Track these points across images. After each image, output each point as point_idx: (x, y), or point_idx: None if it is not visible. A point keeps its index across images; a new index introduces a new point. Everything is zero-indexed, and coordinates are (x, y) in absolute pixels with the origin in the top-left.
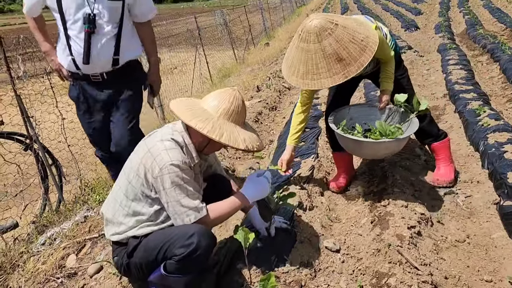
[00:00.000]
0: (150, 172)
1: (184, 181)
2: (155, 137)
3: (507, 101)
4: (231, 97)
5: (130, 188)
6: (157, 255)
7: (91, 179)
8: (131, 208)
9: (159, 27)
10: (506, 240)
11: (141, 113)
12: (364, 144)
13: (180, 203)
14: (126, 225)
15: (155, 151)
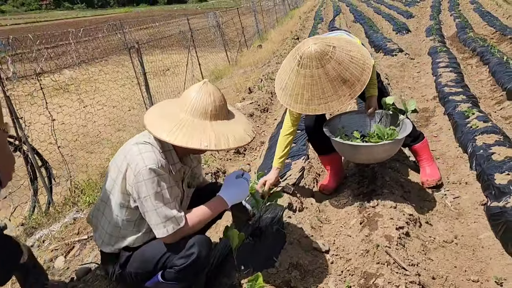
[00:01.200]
0: (126, 180)
1: (160, 188)
2: (131, 141)
3: (495, 104)
4: (200, 93)
5: (112, 198)
6: (155, 265)
7: (81, 181)
8: (115, 218)
9: (151, 28)
10: (492, 241)
11: (129, 112)
12: (365, 149)
13: (157, 213)
14: (113, 236)
15: (130, 157)
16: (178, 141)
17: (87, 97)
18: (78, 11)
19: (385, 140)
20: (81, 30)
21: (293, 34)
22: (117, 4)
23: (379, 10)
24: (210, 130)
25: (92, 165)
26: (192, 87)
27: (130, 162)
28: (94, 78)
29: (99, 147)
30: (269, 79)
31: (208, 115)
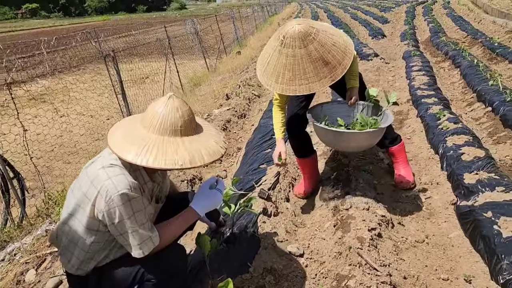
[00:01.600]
0: (96, 207)
1: (134, 211)
2: (96, 165)
3: (466, 105)
4: (167, 108)
5: (78, 222)
6: (131, 282)
7: (55, 192)
8: (82, 241)
9: (129, 36)
10: (462, 239)
11: (107, 121)
12: (349, 136)
13: (133, 236)
14: (79, 258)
15: (98, 182)
16: (151, 163)
17: (64, 107)
18: (55, 20)
19: (369, 128)
20: (54, 38)
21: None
22: (95, 12)
23: (355, 15)
24: (182, 147)
25: (69, 175)
26: (157, 103)
27: (100, 188)
28: (69, 88)
29: (76, 157)
30: (247, 85)
31: (178, 132)
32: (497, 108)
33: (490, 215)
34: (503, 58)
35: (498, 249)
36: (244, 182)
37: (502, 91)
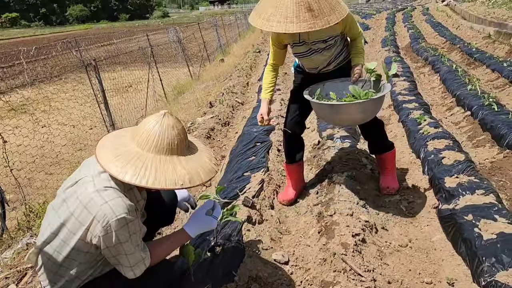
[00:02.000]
0: (91, 232)
1: (130, 233)
2: (87, 188)
3: (446, 110)
4: (162, 127)
5: (60, 243)
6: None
7: (37, 204)
8: (66, 262)
9: (111, 45)
10: (444, 242)
11: (90, 131)
12: (340, 108)
13: (127, 258)
14: (62, 279)
15: (92, 207)
16: (151, 184)
17: (45, 117)
18: (35, 29)
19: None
20: (34, 48)
21: (254, 48)
22: (76, 21)
23: None
24: (180, 166)
25: (50, 187)
26: (150, 120)
27: (96, 214)
28: (50, 98)
29: (57, 168)
30: (230, 92)
31: (175, 150)
32: (476, 112)
33: (470, 218)
34: (481, 63)
35: (479, 251)
36: (228, 190)
37: (481, 95)
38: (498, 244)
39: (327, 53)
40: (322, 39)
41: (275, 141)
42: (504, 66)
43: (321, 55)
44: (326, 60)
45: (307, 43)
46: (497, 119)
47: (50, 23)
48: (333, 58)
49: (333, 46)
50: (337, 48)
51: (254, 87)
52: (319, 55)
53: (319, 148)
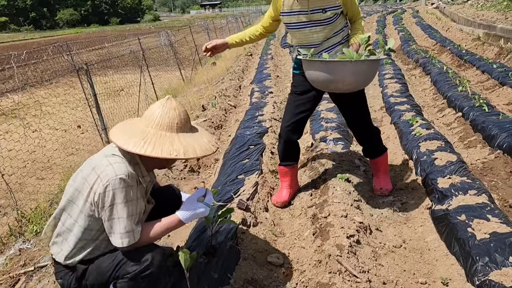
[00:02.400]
0: (94, 190)
1: (127, 199)
2: (99, 155)
3: (438, 111)
4: (165, 108)
5: (74, 208)
6: (109, 277)
7: (28, 209)
8: (77, 228)
9: (102, 49)
10: (438, 243)
11: (83, 135)
12: (333, 65)
13: (119, 223)
14: (70, 246)
15: (99, 168)
16: (149, 152)
17: (36, 122)
18: (25, 33)
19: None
20: (24, 52)
21: (246, 51)
22: (66, 25)
23: None
24: (178, 141)
25: (42, 192)
26: (156, 104)
27: (100, 173)
28: (42, 102)
29: (49, 173)
30: (223, 95)
31: (174, 128)
32: (467, 114)
33: (464, 218)
34: (471, 65)
35: (473, 251)
36: (222, 193)
37: (471, 97)
38: (491, 244)
39: (322, 29)
40: (322, 7)
41: (269, 143)
42: (494, 68)
43: (316, 30)
44: (319, 38)
45: (305, 12)
46: (488, 120)
47: (40, 27)
48: (327, 37)
49: (331, 22)
50: (334, 27)
51: (247, 90)
52: (314, 29)
53: (313, 150)
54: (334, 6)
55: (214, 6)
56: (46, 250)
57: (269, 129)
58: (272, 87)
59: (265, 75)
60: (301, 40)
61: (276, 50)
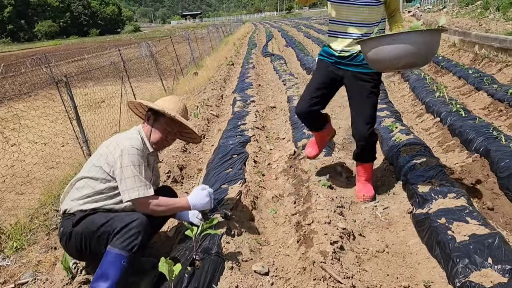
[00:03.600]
0: (112, 154)
1: (139, 163)
2: (121, 134)
3: (417, 117)
4: (174, 98)
5: (93, 168)
6: (99, 228)
7: (8, 225)
8: (90, 179)
9: (82, 61)
10: (419, 246)
11: (62, 148)
12: (401, 38)
13: (133, 179)
14: (80, 195)
15: (119, 141)
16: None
17: (15, 136)
18: (2, 46)
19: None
20: (2, 65)
21: (228, 60)
22: (45, 37)
23: (308, 34)
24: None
25: (22, 207)
26: (163, 98)
27: (119, 143)
28: (20, 115)
29: (29, 188)
30: (205, 105)
31: (181, 112)
32: (444, 119)
33: (444, 221)
34: (448, 71)
35: (453, 253)
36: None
37: (449, 102)
38: (471, 246)
39: (371, 11)
40: None
41: (251, 152)
42: (470, 73)
43: (367, 9)
44: (361, 18)
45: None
46: (465, 124)
47: (17, 40)
48: (367, 24)
49: (379, 6)
50: (376, 14)
51: (229, 100)
52: (358, 7)
53: (295, 158)
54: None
55: (194, 16)
56: (26, 266)
57: (251, 138)
58: (254, 96)
59: (247, 84)
60: (340, 16)
61: (258, 59)
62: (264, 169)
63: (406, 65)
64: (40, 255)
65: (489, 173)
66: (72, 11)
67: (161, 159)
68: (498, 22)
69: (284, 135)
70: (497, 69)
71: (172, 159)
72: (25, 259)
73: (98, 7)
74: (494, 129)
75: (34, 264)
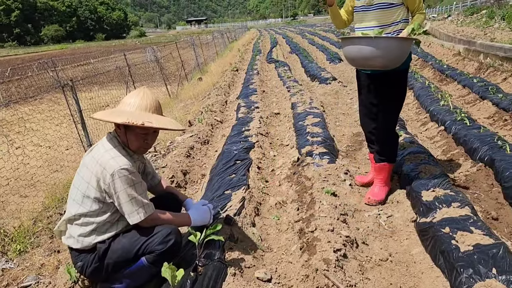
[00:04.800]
0: (102, 180)
1: (134, 183)
2: (98, 150)
3: (421, 125)
4: (141, 93)
5: (85, 199)
6: (136, 253)
7: (12, 228)
8: (89, 216)
9: (88, 65)
10: (423, 255)
11: (66, 151)
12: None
13: (131, 203)
14: (85, 231)
15: (103, 161)
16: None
17: (20, 139)
18: (9, 49)
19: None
20: (9, 69)
21: (232, 66)
22: (51, 41)
23: (313, 41)
24: (155, 117)
25: (25, 210)
26: (133, 92)
27: (105, 165)
28: (26, 119)
29: (33, 190)
30: (209, 111)
31: (153, 109)
32: (449, 127)
33: (448, 230)
34: (452, 79)
35: (457, 263)
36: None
37: (453, 111)
38: (475, 256)
39: (383, 14)
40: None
41: (255, 158)
42: (474, 82)
43: (378, 13)
44: (377, 22)
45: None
46: (470, 133)
47: (24, 43)
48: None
49: (393, 7)
50: (397, 15)
51: (233, 105)
52: (376, 13)
53: (299, 165)
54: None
55: (200, 22)
56: (30, 269)
57: (255, 144)
58: (258, 102)
59: (251, 90)
60: (363, 23)
61: (262, 66)
62: (268, 176)
63: (368, 66)
64: (43, 258)
65: (493, 183)
66: (79, 15)
67: (164, 164)
68: (503, 31)
69: (288, 142)
70: (502, 78)
71: (176, 164)
72: (29, 262)
73: (104, 12)
74: (499, 138)
75: (37, 267)
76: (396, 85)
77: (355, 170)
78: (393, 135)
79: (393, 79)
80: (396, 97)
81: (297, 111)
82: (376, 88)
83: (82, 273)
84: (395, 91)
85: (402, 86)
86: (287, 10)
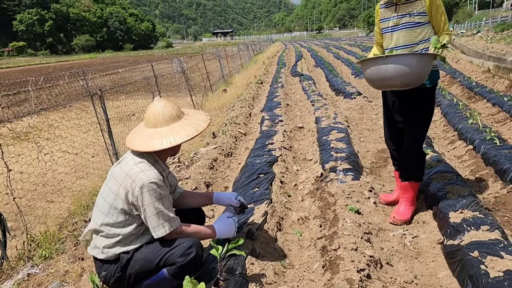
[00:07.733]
0: (131, 193)
1: (161, 196)
2: (127, 162)
3: (448, 143)
4: (160, 106)
5: (112, 210)
6: (157, 264)
7: (38, 233)
8: (114, 227)
9: (116, 74)
10: (450, 279)
11: (93, 159)
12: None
13: (158, 217)
14: (110, 243)
15: (133, 174)
16: (173, 142)
17: (48, 145)
18: (41, 58)
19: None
20: (42, 78)
21: (257, 79)
22: (82, 51)
23: (338, 55)
24: (184, 125)
25: (51, 215)
26: (150, 107)
27: (135, 178)
28: (55, 126)
29: (59, 196)
30: (233, 123)
31: (176, 117)
32: (478, 147)
33: (476, 254)
34: (481, 97)
35: None
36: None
37: (482, 130)
38: (505, 282)
39: (411, 32)
40: (409, 12)
41: (278, 172)
42: (505, 101)
43: (405, 32)
44: (403, 41)
45: (395, 17)
46: (500, 153)
47: (56, 52)
48: (412, 42)
49: (420, 26)
50: (425, 33)
51: (257, 118)
52: (404, 32)
53: (322, 180)
54: (421, 13)
55: (225, 34)
56: (54, 276)
57: (279, 158)
58: (282, 116)
59: (276, 103)
60: (389, 43)
61: (287, 79)
62: (290, 190)
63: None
64: (68, 265)
65: None
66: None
67: (188, 175)
68: None
69: (311, 157)
70: None
71: (199, 176)
72: (53, 268)
73: (133, 23)
74: None
75: (62, 273)
76: (423, 103)
77: (380, 187)
78: (420, 153)
79: (419, 97)
80: (423, 115)
81: (321, 125)
82: (402, 105)
83: (106, 283)
84: (422, 109)
85: (430, 105)
86: (312, 24)
